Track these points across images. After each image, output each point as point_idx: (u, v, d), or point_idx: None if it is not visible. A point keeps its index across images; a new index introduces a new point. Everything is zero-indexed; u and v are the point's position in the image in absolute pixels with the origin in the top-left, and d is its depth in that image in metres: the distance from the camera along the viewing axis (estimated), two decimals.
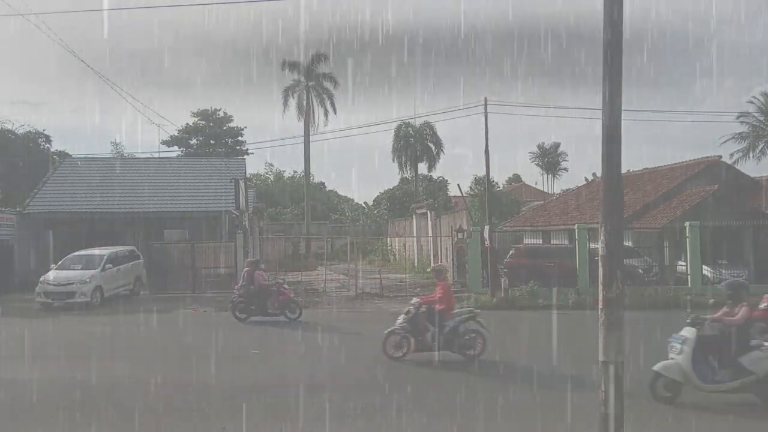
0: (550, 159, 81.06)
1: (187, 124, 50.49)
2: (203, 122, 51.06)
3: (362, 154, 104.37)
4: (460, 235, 21.71)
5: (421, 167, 51.68)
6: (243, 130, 51.83)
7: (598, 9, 6.03)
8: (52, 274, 18.93)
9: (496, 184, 59.80)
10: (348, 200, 62.26)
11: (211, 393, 8.81)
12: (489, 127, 21.96)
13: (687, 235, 19.46)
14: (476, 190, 43.88)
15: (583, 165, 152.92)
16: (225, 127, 51.25)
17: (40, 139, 36.71)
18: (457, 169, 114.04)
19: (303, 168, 44.39)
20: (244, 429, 7.40)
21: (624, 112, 6.12)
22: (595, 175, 42.17)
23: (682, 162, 28.22)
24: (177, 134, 46.81)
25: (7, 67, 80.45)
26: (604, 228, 6.06)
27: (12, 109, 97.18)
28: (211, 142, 50.66)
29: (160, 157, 38.36)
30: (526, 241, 27.16)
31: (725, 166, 27.33)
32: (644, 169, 31.23)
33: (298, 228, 43.35)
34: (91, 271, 19.03)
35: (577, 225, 20.65)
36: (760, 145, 38.19)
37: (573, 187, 39.72)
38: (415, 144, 49.84)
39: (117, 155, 44.77)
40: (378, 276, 22.32)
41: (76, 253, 20.22)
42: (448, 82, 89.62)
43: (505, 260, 20.36)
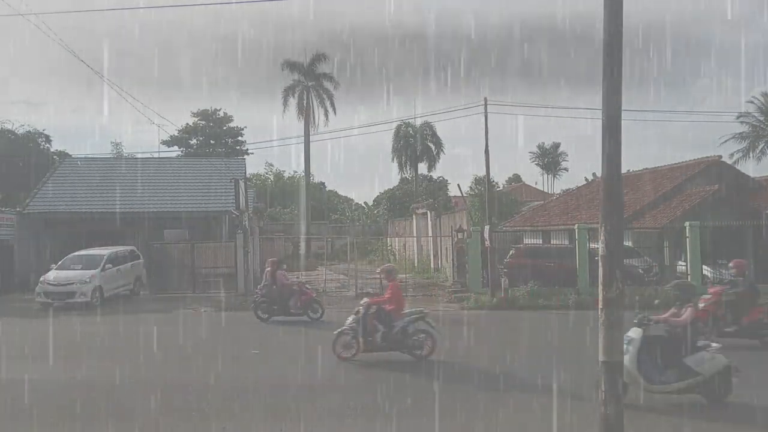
0: (550, 159, 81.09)
1: (187, 124, 50.53)
2: (203, 122, 51.07)
3: (362, 154, 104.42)
4: (460, 235, 21.68)
5: (421, 167, 51.75)
6: (243, 130, 51.90)
7: (599, 9, 6.04)
8: (52, 274, 18.93)
9: (496, 184, 59.76)
10: (348, 200, 62.26)
11: (211, 393, 8.80)
12: (489, 127, 21.95)
13: (687, 235, 19.45)
14: (476, 190, 43.85)
15: (583, 165, 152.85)
16: (225, 127, 51.26)
17: (40, 139, 36.68)
18: (457, 169, 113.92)
19: (303, 168, 44.47)
20: (245, 429, 7.41)
21: (624, 112, 6.14)
22: (595, 175, 42.15)
23: (682, 162, 28.21)
24: (177, 134, 46.83)
25: (7, 67, 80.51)
26: (604, 228, 6.06)
27: (12, 109, 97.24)
28: (211, 142, 50.67)
29: (160, 157, 38.38)
30: (526, 241, 27.14)
31: (725, 166, 27.31)
32: (644, 169, 31.22)
33: (298, 228, 43.34)
34: (91, 271, 19.03)
35: (577, 225, 20.63)
36: (760, 145, 38.19)
37: (573, 187, 39.71)
38: (415, 144, 49.84)
39: (117, 155, 44.80)
40: (378, 276, 22.27)
41: (76, 253, 20.22)
42: (449, 82, 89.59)
43: (505, 260, 20.34)
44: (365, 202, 58.77)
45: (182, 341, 12.85)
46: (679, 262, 20.85)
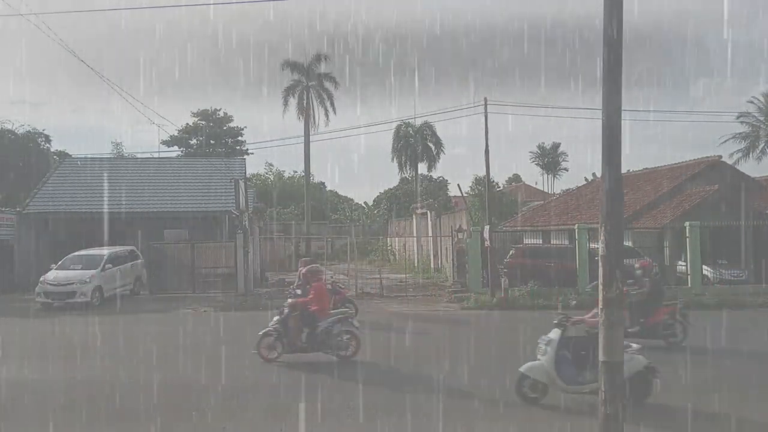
0: (550, 159, 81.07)
1: (187, 124, 50.55)
2: (203, 122, 51.07)
3: (362, 154, 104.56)
4: (460, 235, 21.70)
5: (421, 167, 51.72)
6: (243, 130, 51.91)
7: (599, 9, 6.05)
8: (52, 274, 18.94)
9: (496, 184, 59.74)
10: (348, 200, 62.26)
11: (210, 393, 8.81)
12: (489, 127, 21.96)
13: (687, 235, 19.45)
14: (476, 190, 43.83)
15: (583, 165, 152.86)
16: (225, 127, 51.28)
17: (40, 139, 36.66)
18: (457, 169, 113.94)
19: (303, 168, 44.46)
20: (244, 429, 7.41)
21: (624, 112, 6.14)
22: (595, 175, 42.16)
23: (682, 162, 28.22)
24: (177, 134, 46.84)
25: (7, 67, 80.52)
26: (604, 228, 6.07)
27: (12, 109, 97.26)
28: (211, 142, 50.68)
29: (160, 157, 38.37)
30: (526, 241, 27.14)
31: (725, 166, 27.31)
32: (644, 169, 31.22)
33: (298, 228, 43.34)
34: (91, 271, 19.03)
35: (577, 225, 20.64)
36: (761, 145, 38.21)
37: (573, 187, 39.72)
38: (415, 144, 49.83)
39: (117, 155, 44.82)
40: (378, 276, 22.32)
41: (76, 253, 20.23)
42: (449, 82, 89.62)
43: (505, 260, 20.35)
44: (365, 202, 58.83)
45: (182, 341, 12.85)
46: (679, 262, 20.86)
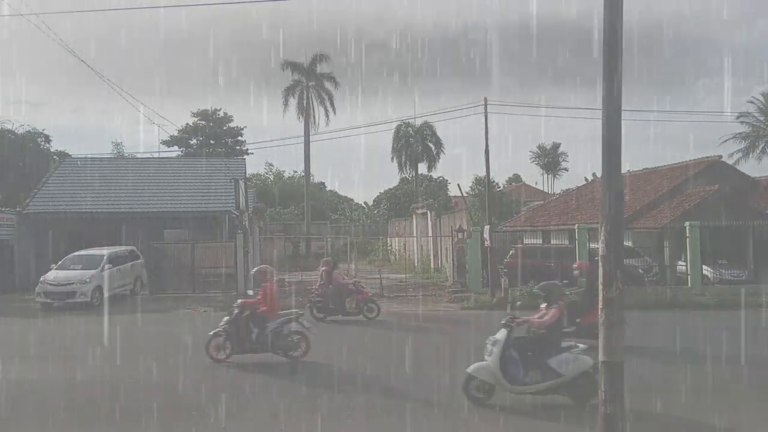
0: (550, 159, 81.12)
1: (187, 124, 50.56)
2: (203, 122, 51.08)
3: (362, 154, 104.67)
4: (460, 235, 21.68)
5: (421, 167, 51.71)
6: (243, 130, 51.91)
7: (599, 9, 6.05)
8: (52, 274, 18.94)
9: (496, 184, 59.75)
10: (348, 200, 62.27)
11: (210, 393, 8.81)
12: (489, 127, 21.95)
13: (687, 235, 19.44)
14: (476, 190, 43.85)
15: (583, 165, 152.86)
16: (225, 127, 51.28)
17: (40, 139, 36.69)
18: (457, 169, 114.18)
19: (303, 168, 44.48)
20: (244, 429, 7.41)
21: (624, 112, 6.14)
22: (595, 175, 42.18)
23: (682, 162, 28.22)
24: (177, 134, 46.85)
25: (7, 67, 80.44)
26: (604, 228, 6.06)
27: (12, 109, 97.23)
28: (211, 142, 50.68)
29: (160, 157, 38.37)
30: (526, 241, 27.15)
31: (725, 166, 27.32)
32: (644, 169, 31.22)
33: (298, 228, 43.35)
34: (91, 271, 19.03)
35: (577, 225, 20.63)
36: (761, 145, 38.20)
37: (573, 187, 39.72)
38: (415, 144, 49.83)
39: (117, 155, 44.83)
40: (378, 276, 22.32)
41: (76, 253, 20.23)
42: (449, 82, 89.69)
43: (505, 260, 20.34)
44: (365, 202, 58.84)
45: (182, 341, 12.84)
46: (679, 262, 20.86)
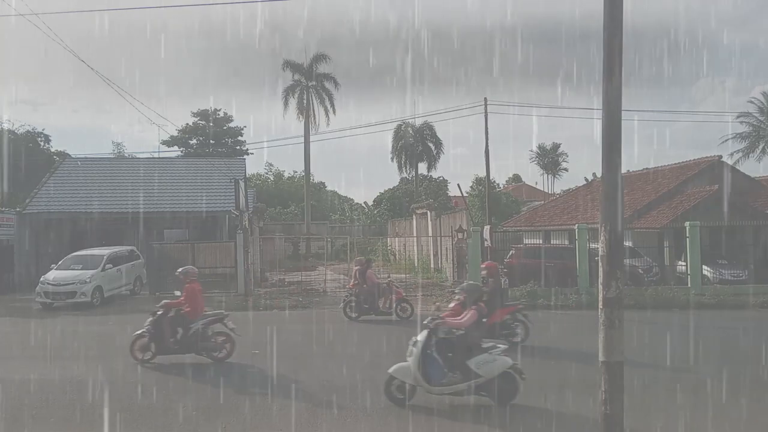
0: (550, 159, 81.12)
1: (187, 124, 50.47)
2: (203, 122, 51.01)
3: (362, 154, 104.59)
4: (460, 235, 21.70)
5: (421, 167, 51.71)
6: (243, 130, 51.88)
7: (599, 9, 6.05)
8: (52, 274, 18.94)
9: (497, 184, 59.81)
10: (348, 200, 62.28)
11: (209, 392, 8.81)
12: (489, 127, 21.98)
13: (687, 235, 19.46)
14: (476, 190, 43.86)
15: (583, 165, 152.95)
16: (225, 127, 51.23)
17: (40, 139, 36.73)
18: (457, 169, 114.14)
19: (303, 168, 44.48)
20: (245, 429, 7.41)
21: (624, 112, 6.13)
22: (595, 175, 42.14)
23: (682, 162, 28.23)
24: (177, 134, 46.83)
25: (7, 67, 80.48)
26: (604, 228, 6.06)
27: (12, 109, 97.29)
28: (211, 142, 50.62)
29: (160, 157, 38.40)
30: (526, 241, 27.15)
31: (725, 166, 27.34)
32: (644, 169, 31.25)
33: (298, 228, 43.35)
34: (91, 271, 19.03)
35: (577, 225, 20.63)
36: (760, 145, 38.23)
37: (573, 187, 39.74)
38: (415, 144, 49.83)
39: (117, 155, 44.85)
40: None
41: (76, 253, 20.24)
42: (449, 82, 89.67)
43: (505, 260, 20.35)
44: (365, 202, 58.79)
45: None
46: (679, 262, 20.87)
